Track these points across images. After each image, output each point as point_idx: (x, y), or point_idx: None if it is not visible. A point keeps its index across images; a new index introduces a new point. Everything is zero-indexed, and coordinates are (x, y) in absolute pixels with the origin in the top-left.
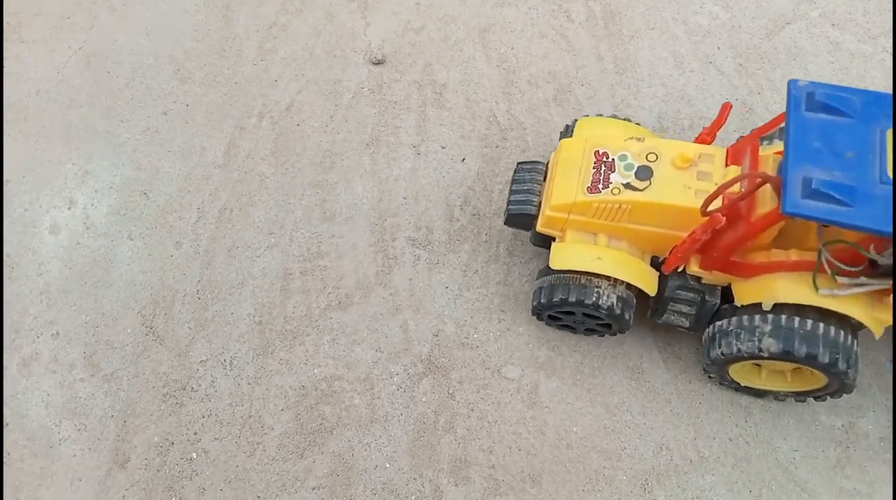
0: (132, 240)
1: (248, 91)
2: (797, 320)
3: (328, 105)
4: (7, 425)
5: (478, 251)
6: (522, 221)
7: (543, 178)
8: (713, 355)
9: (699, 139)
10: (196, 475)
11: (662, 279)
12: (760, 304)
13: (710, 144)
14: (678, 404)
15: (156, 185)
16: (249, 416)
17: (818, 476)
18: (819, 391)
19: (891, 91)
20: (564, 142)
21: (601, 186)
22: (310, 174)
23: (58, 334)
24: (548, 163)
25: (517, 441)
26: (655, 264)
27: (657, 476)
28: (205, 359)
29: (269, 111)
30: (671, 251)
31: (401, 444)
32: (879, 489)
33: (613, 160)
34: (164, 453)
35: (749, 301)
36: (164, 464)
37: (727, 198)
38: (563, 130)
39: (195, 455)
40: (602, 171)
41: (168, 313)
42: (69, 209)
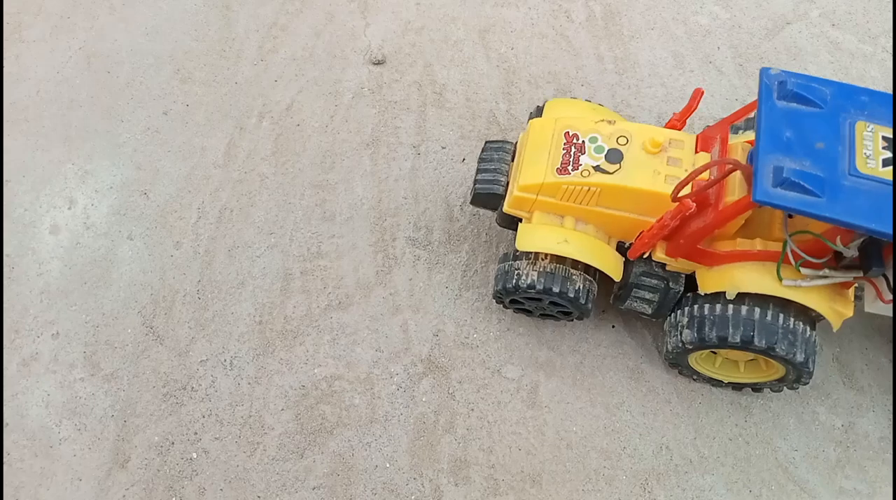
0: (132, 240)
1: (248, 91)
2: (757, 310)
3: (328, 105)
4: (7, 425)
5: (478, 251)
6: (489, 201)
7: (511, 158)
8: (673, 343)
9: (669, 125)
10: (196, 475)
11: (627, 265)
12: (722, 293)
13: (680, 131)
14: (678, 404)
15: (156, 185)
16: (249, 416)
17: (818, 476)
18: (776, 382)
19: (891, 91)
20: (533, 122)
21: (570, 168)
22: (310, 174)
23: (58, 334)
24: (516, 143)
25: (517, 441)
26: (621, 249)
27: (657, 476)
28: (205, 359)
29: (269, 111)
30: (638, 237)
31: (401, 444)
32: (879, 489)
33: (584, 142)
34: (164, 453)
35: (712, 290)
36: (164, 464)
37: (696, 184)
38: (534, 111)
39: (195, 455)
40: (572, 152)
41: (168, 312)
42: (69, 209)
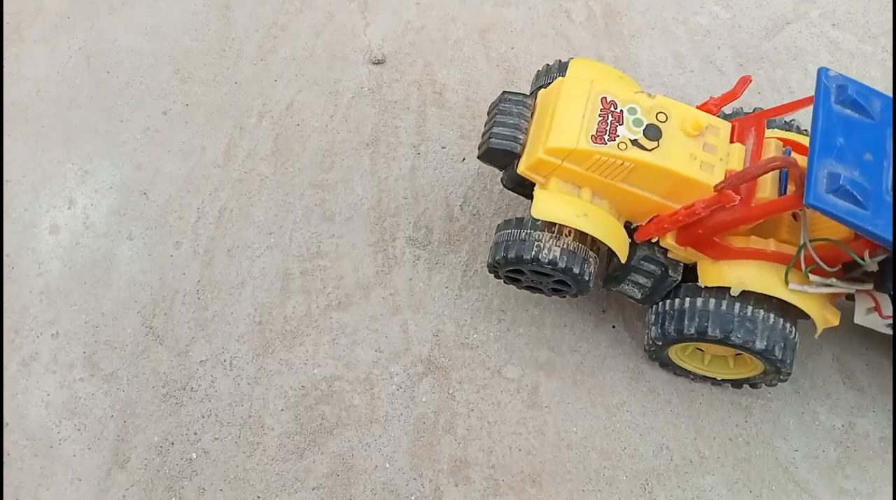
0: (132, 240)
1: (248, 91)
2: (712, 301)
3: (328, 105)
4: (7, 425)
5: (478, 251)
6: (501, 159)
7: (531, 115)
8: (655, 332)
9: (704, 108)
10: (196, 475)
11: (630, 247)
12: (689, 286)
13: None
14: (678, 404)
15: (156, 185)
16: (249, 416)
17: (818, 476)
18: (755, 378)
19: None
20: (563, 80)
21: (607, 138)
22: (309, 174)
23: (58, 334)
24: (534, 101)
25: (517, 441)
26: (627, 230)
27: (657, 476)
28: (205, 359)
29: (269, 111)
30: (652, 219)
31: (401, 444)
32: (879, 489)
33: (622, 112)
34: (164, 453)
35: (715, 284)
36: (164, 464)
37: (728, 175)
38: (543, 70)
39: (195, 455)
40: (609, 121)
41: (168, 313)
42: (69, 209)
